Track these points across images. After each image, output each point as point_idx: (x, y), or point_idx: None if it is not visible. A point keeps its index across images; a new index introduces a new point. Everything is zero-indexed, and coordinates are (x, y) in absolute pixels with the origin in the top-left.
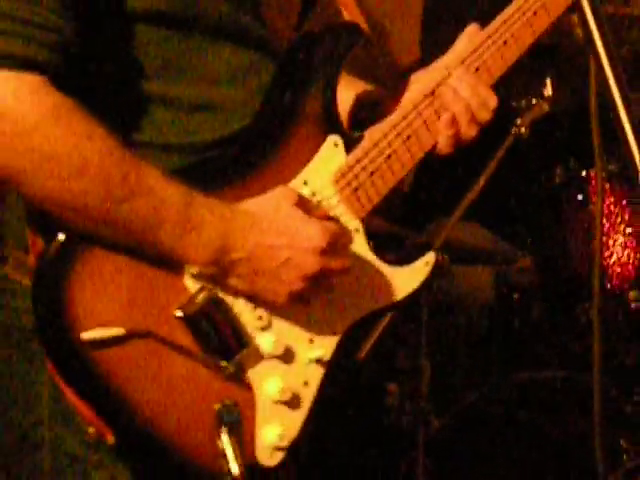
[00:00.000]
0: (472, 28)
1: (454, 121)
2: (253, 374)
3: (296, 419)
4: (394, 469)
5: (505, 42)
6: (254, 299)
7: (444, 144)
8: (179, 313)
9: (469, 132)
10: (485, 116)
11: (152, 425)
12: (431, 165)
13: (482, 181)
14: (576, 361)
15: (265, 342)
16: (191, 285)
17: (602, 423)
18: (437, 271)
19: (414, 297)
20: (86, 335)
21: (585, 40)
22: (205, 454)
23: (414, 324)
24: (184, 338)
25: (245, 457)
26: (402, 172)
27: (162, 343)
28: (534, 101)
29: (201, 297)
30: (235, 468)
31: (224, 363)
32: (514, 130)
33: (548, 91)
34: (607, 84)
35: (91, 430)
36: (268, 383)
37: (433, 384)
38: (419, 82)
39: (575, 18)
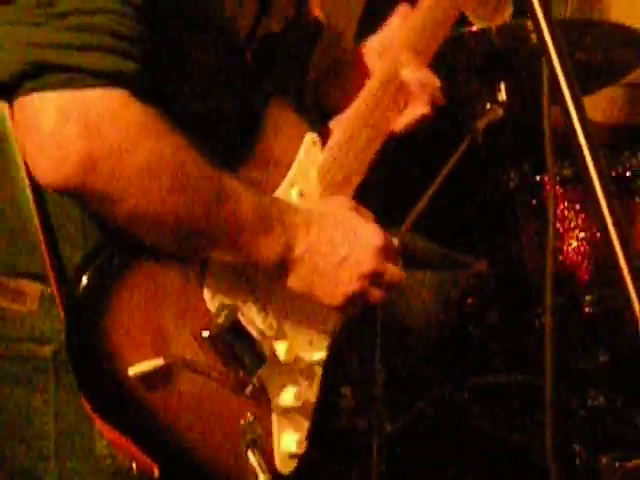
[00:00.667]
0: (403, 8)
1: (415, 104)
2: (271, 385)
3: (305, 423)
4: (348, 472)
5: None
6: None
7: (407, 126)
8: (205, 334)
9: (427, 112)
10: (440, 96)
11: (193, 451)
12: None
13: (436, 186)
14: (531, 365)
15: (280, 351)
16: (211, 304)
17: (554, 427)
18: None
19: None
20: (132, 370)
21: (538, 45)
22: (236, 472)
23: (369, 328)
24: (210, 359)
25: (269, 469)
26: (369, 160)
27: (192, 367)
28: (488, 106)
29: (223, 315)
30: None
31: (253, 379)
32: (469, 135)
33: (502, 96)
34: (559, 89)
35: (134, 465)
36: (284, 392)
37: (387, 388)
38: (372, 66)
39: (529, 23)
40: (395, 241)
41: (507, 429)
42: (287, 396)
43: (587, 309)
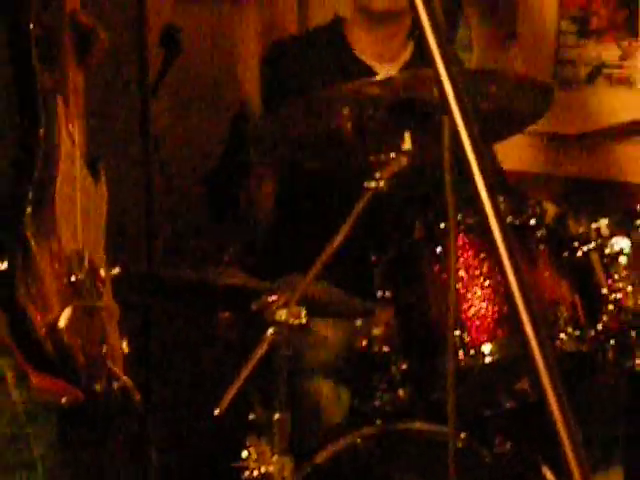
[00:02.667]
0: None
1: None
2: None
3: None
4: None
5: None
6: None
7: None
8: None
9: None
10: None
11: None
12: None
13: (341, 236)
14: (436, 413)
15: None
16: None
17: (457, 473)
18: None
19: None
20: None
21: (439, 97)
22: None
23: (272, 375)
24: None
25: None
26: None
27: None
28: (392, 155)
29: None
30: None
31: None
32: (373, 184)
33: (407, 145)
34: (460, 141)
35: (64, 400)
36: None
37: (291, 437)
38: None
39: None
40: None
41: (409, 476)
42: None
43: (487, 359)
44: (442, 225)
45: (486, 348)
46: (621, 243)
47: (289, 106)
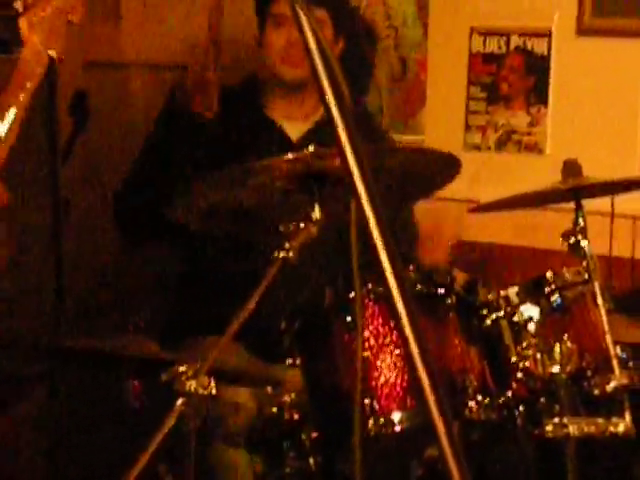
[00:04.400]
0: None
1: None
2: None
3: None
4: None
5: None
6: None
7: None
8: None
9: None
10: None
11: None
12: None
13: (251, 303)
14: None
15: None
16: None
17: None
18: None
19: None
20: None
21: (345, 174)
22: None
23: (181, 446)
24: None
25: None
26: None
27: None
28: (302, 225)
29: None
30: None
31: None
32: (282, 254)
33: (316, 215)
34: (366, 216)
35: None
36: None
37: None
38: None
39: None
40: None
41: None
42: None
43: (397, 427)
44: (351, 294)
45: (396, 416)
46: (530, 311)
47: (202, 178)
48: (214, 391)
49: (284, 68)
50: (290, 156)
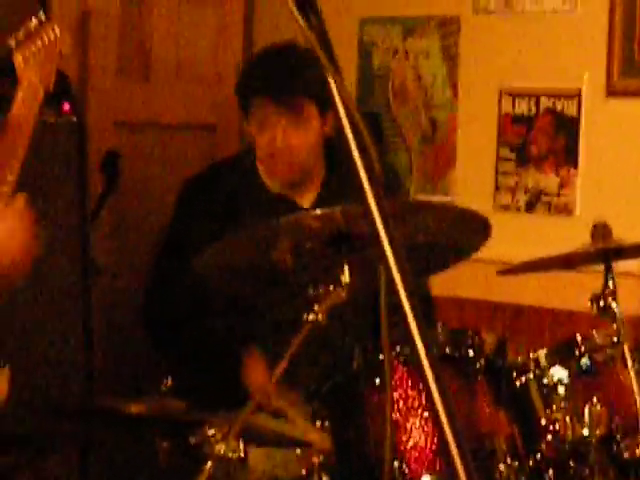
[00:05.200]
0: None
1: None
2: None
3: None
4: None
5: None
6: None
7: None
8: None
9: None
10: None
11: None
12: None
13: (281, 367)
14: None
15: None
16: None
17: None
18: None
19: None
20: None
21: (371, 234)
22: None
23: None
24: None
25: None
26: None
27: None
28: (331, 288)
29: None
30: None
31: None
32: (312, 317)
33: (345, 278)
34: (393, 280)
35: None
36: None
37: None
38: None
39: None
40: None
41: None
42: None
43: None
44: (380, 356)
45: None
46: (559, 373)
47: (230, 238)
48: (242, 454)
49: (274, 175)
50: (319, 212)
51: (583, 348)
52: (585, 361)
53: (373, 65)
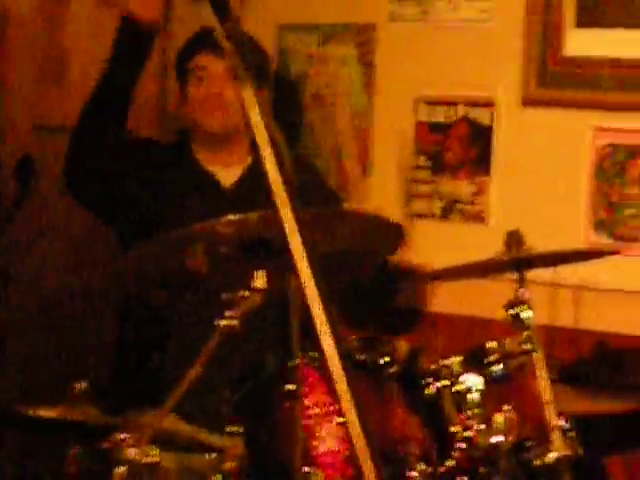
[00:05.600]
0: None
1: None
2: None
3: None
4: None
5: None
6: None
7: None
8: None
9: None
10: None
11: None
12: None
13: (194, 373)
14: None
15: None
16: None
17: None
18: None
19: None
20: None
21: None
22: None
23: None
24: None
25: None
26: None
27: None
28: (245, 293)
29: None
30: None
31: None
32: (225, 323)
33: (259, 283)
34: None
35: None
36: None
37: None
38: None
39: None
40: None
41: None
42: None
43: None
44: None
45: None
46: (472, 380)
47: (143, 244)
48: (155, 459)
49: (206, 119)
50: (232, 218)
51: (496, 355)
52: (497, 368)
53: (290, 71)
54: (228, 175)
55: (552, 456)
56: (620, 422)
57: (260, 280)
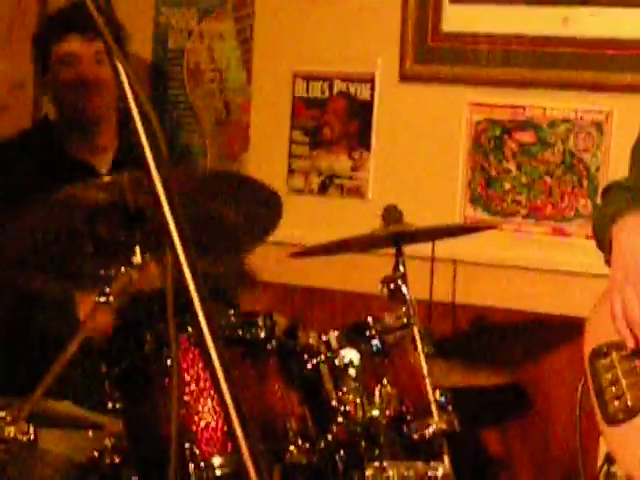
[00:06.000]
0: None
1: None
2: None
3: None
4: None
5: None
6: None
7: None
8: None
9: None
10: None
11: None
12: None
13: (69, 351)
14: None
15: None
16: None
17: None
18: None
19: None
20: None
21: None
22: None
23: None
24: None
25: None
26: None
27: None
28: (123, 269)
29: None
30: None
31: None
32: (103, 299)
33: (137, 259)
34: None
35: None
36: None
37: None
38: None
39: None
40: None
41: None
42: None
43: (219, 471)
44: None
45: (216, 461)
46: (350, 355)
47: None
48: (32, 437)
49: (83, 106)
50: (106, 179)
51: (374, 330)
52: (376, 343)
53: (168, 47)
54: (102, 161)
55: (430, 430)
56: (496, 394)
57: (138, 256)
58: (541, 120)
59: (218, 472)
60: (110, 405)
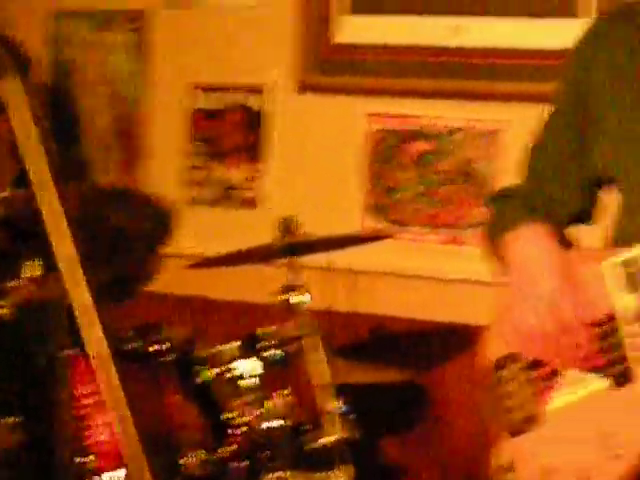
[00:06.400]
0: None
1: None
2: None
3: None
4: None
5: None
6: None
7: None
8: None
9: None
10: None
11: None
12: None
13: None
14: None
15: None
16: None
17: None
18: None
19: None
20: None
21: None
22: None
23: None
24: None
25: None
26: None
27: None
28: (19, 283)
29: None
30: None
31: None
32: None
33: (35, 271)
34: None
35: None
36: None
37: None
38: None
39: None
40: None
41: None
42: None
43: None
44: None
45: (108, 477)
46: (248, 366)
47: None
48: None
49: None
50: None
51: (273, 340)
52: (274, 353)
53: (64, 58)
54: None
55: (330, 439)
56: (396, 392)
57: (35, 268)
58: (436, 129)
59: None
60: (10, 419)
